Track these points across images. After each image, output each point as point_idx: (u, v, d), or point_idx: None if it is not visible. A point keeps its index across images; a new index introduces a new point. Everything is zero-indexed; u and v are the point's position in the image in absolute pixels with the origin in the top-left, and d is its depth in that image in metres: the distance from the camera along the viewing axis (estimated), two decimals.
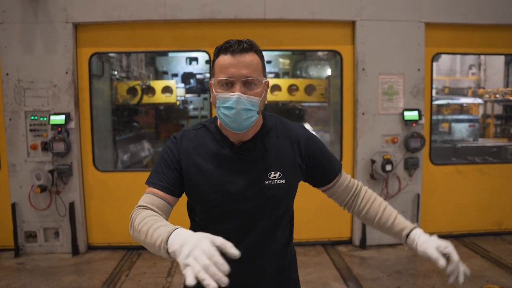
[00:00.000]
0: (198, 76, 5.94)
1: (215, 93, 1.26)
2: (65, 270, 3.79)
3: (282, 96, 5.23)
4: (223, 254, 0.98)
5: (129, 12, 3.96)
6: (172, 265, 3.90)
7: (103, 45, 4.13)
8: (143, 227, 1.15)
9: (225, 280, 0.90)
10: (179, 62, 5.95)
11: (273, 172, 1.33)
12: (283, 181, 1.34)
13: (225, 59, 1.24)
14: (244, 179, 1.32)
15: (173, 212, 1.36)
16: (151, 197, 1.30)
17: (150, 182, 1.34)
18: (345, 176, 1.48)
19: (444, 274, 1.27)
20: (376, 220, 1.44)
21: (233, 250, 0.95)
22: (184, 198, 1.42)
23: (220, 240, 0.96)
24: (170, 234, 1.04)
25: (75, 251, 4.09)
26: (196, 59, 5.86)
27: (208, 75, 5.59)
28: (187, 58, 5.83)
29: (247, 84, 1.24)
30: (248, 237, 1.36)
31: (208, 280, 0.88)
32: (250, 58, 1.24)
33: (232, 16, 3.99)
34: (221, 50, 1.26)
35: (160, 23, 4.06)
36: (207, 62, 5.73)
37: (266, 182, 1.32)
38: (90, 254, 4.17)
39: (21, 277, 3.64)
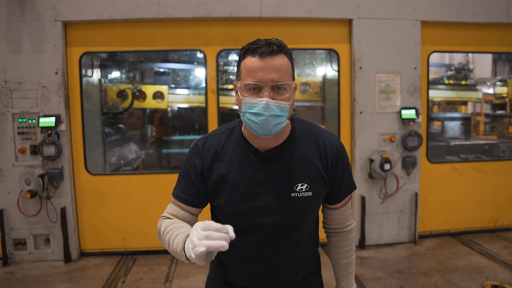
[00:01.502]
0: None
1: (241, 97, 1.20)
2: (58, 278, 3.70)
3: None
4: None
5: (121, 11, 3.90)
6: (169, 270, 3.85)
7: (94, 45, 4.04)
8: (166, 236, 1.21)
9: (232, 234, 0.97)
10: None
11: (300, 184, 1.27)
12: (310, 193, 1.28)
13: (253, 62, 1.17)
14: (269, 190, 1.26)
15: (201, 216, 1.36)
16: (175, 208, 1.33)
17: (174, 194, 1.35)
18: (349, 206, 1.44)
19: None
20: (334, 263, 1.50)
21: (230, 232, 0.98)
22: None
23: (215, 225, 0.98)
24: (186, 240, 1.08)
25: (67, 258, 4.00)
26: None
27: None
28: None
29: (276, 89, 1.17)
30: (271, 250, 1.32)
31: (216, 243, 0.94)
32: (279, 61, 1.18)
33: (228, 14, 3.97)
34: (248, 51, 1.19)
35: (154, 22, 4.00)
36: (202, 61, 5.65)
37: (292, 195, 1.26)
38: (83, 261, 4.08)
39: (11, 287, 3.54)
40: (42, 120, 3.83)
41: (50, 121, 3.84)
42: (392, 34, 4.13)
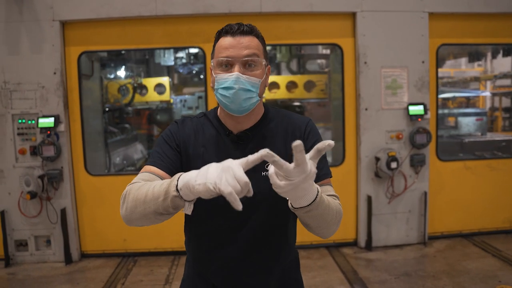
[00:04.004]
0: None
1: (214, 75, 1.30)
2: (58, 280, 3.77)
3: (280, 94, 5.21)
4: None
5: (119, 9, 3.94)
6: (169, 272, 3.89)
7: (92, 43, 4.10)
8: (142, 188, 1.13)
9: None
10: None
11: (268, 165, 1.28)
12: None
13: (225, 40, 1.28)
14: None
15: None
16: (147, 175, 1.27)
17: (149, 162, 1.33)
18: (328, 189, 1.33)
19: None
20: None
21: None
22: None
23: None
24: (179, 176, 1.04)
25: (68, 259, 4.07)
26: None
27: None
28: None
29: (247, 66, 1.27)
30: (241, 231, 1.34)
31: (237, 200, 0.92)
32: (250, 40, 1.28)
33: (227, 10, 3.97)
34: (221, 32, 1.31)
35: (152, 19, 4.04)
36: (201, 57, 5.67)
37: (263, 174, 1.30)
38: (83, 262, 4.15)
39: None
40: (41, 120, 3.91)
41: (49, 121, 3.91)
42: (398, 27, 4.07)
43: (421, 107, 4.11)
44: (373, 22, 4.06)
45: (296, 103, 5.57)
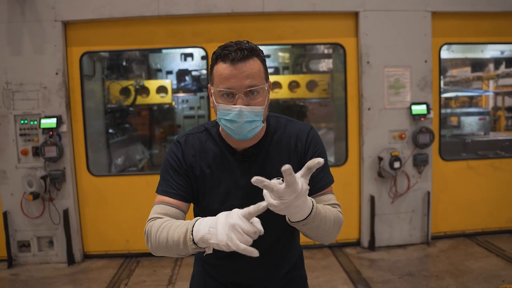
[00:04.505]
0: (194, 73, 5.89)
1: (215, 103, 1.26)
2: (61, 281, 3.79)
3: (283, 93, 5.22)
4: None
5: (121, 9, 3.96)
6: (172, 273, 3.90)
7: (94, 44, 4.12)
8: (161, 233, 1.19)
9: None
10: (174, 59, 5.90)
11: (275, 178, 1.29)
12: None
13: (224, 68, 1.22)
14: (249, 188, 1.28)
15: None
16: (162, 207, 1.30)
17: (160, 191, 1.34)
18: (330, 197, 1.36)
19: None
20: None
21: (258, 226, 1.05)
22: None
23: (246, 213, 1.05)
24: (194, 224, 1.11)
25: (70, 260, 4.09)
26: (191, 55, 5.81)
27: (204, 71, 5.56)
28: (181, 54, 5.78)
29: (250, 94, 1.23)
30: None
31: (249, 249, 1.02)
32: (251, 65, 1.22)
33: (229, 10, 3.99)
34: (219, 56, 1.24)
35: (154, 19, 4.05)
36: (203, 58, 5.69)
37: None
38: (86, 263, 4.17)
39: None
40: (43, 121, 3.93)
41: (51, 122, 3.93)
42: (401, 26, 4.08)
43: (424, 107, 4.13)
44: (376, 22, 4.07)
45: (300, 103, 5.58)
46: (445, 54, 4.28)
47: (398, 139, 4.18)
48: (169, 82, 5.36)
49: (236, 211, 1.04)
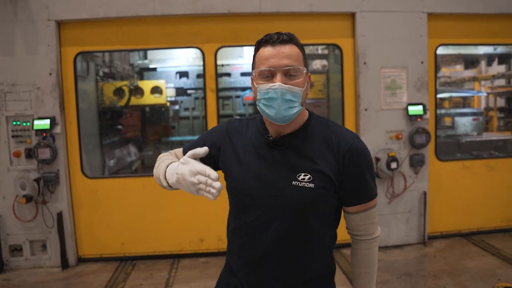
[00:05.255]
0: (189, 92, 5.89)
1: (256, 86, 1.33)
2: (55, 285, 3.75)
3: None
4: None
5: (116, 9, 3.94)
6: (169, 275, 3.89)
7: (89, 44, 4.09)
8: (162, 162, 1.47)
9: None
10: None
11: (303, 174, 1.33)
12: (312, 185, 1.32)
13: (265, 50, 1.31)
14: (273, 175, 1.35)
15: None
16: (179, 150, 1.56)
17: (186, 145, 1.56)
18: (370, 213, 1.41)
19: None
20: (353, 270, 1.54)
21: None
22: None
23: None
24: (167, 166, 1.38)
25: (64, 264, 4.05)
26: (186, 74, 5.80)
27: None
28: (176, 73, 5.77)
29: (288, 75, 1.30)
30: (262, 236, 1.37)
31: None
32: (290, 49, 1.31)
33: (226, 10, 4.00)
34: (261, 42, 1.34)
35: (150, 19, 4.04)
36: (198, 76, 5.72)
37: (293, 183, 1.33)
38: (80, 267, 4.13)
39: None
40: (36, 122, 3.88)
41: (45, 123, 3.89)
42: (397, 27, 4.14)
43: (420, 107, 4.18)
44: (373, 23, 4.11)
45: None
46: (438, 50, 4.33)
47: (395, 140, 4.22)
48: (163, 82, 5.35)
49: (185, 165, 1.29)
